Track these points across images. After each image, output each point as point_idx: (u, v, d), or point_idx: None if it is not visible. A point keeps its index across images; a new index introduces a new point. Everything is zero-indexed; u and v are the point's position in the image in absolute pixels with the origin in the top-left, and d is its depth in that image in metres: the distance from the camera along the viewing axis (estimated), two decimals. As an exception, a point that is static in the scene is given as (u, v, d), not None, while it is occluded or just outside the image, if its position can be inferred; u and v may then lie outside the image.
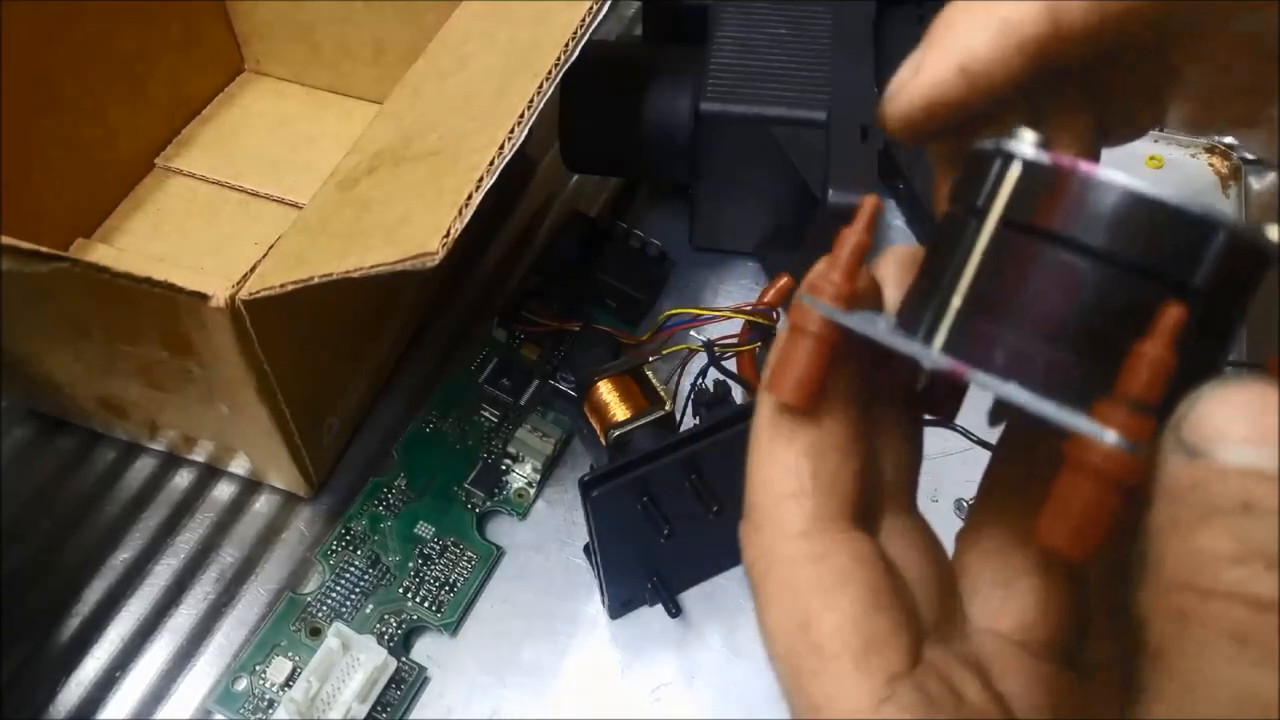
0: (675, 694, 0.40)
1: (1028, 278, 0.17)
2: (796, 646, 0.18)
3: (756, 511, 0.19)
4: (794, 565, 0.18)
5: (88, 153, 0.52)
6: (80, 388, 0.43)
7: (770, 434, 0.19)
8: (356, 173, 0.36)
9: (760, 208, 0.50)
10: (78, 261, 0.32)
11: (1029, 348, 0.16)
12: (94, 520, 0.44)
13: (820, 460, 0.19)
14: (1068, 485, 0.15)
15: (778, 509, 0.18)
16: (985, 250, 0.17)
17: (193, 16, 0.56)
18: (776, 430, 0.19)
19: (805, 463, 0.19)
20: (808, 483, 0.18)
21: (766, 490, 0.19)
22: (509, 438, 0.45)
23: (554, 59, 0.36)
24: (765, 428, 0.19)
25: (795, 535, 0.18)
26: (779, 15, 0.49)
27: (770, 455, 0.19)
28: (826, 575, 0.18)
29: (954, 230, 0.18)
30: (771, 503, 0.18)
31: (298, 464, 0.42)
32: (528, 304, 0.48)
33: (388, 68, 0.56)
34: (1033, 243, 0.17)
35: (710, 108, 0.46)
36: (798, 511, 0.18)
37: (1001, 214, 0.17)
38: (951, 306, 0.17)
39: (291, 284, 0.31)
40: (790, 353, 0.18)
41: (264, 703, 0.38)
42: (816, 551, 0.18)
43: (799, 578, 0.18)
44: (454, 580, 0.42)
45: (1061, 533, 0.15)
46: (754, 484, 0.19)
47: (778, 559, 0.18)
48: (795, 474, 0.18)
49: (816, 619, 0.17)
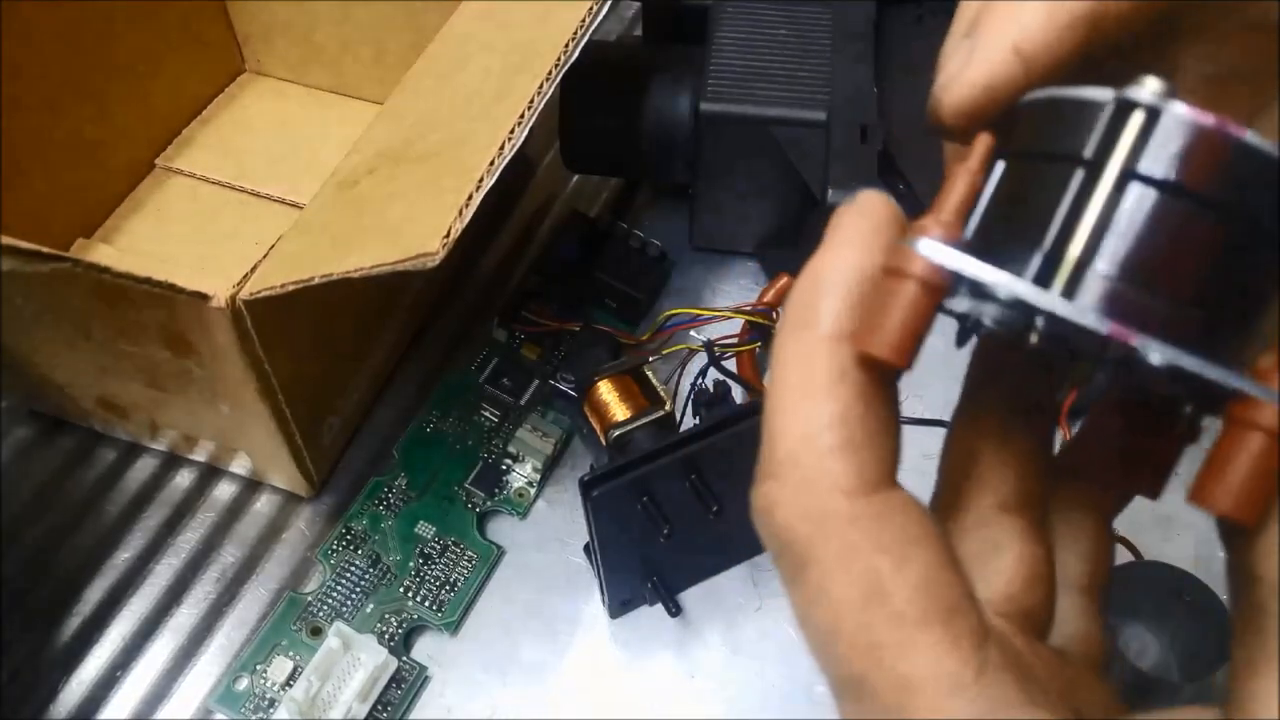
0: (675, 694, 0.40)
1: (1167, 236, 0.16)
2: (870, 619, 0.16)
3: (795, 468, 0.16)
4: (854, 526, 0.16)
5: (88, 153, 0.52)
6: (80, 388, 0.43)
7: (807, 379, 0.17)
8: (357, 173, 0.36)
9: (760, 208, 0.50)
10: (78, 261, 0.32)
11: (1176, 311, 0.15)
12: (94, 520, 0.44)
13: (868, 408, 0.17)
14: (1233, 448, 0.15)
15: (826, 463, 0.16)
16: (1106, 203, 0.16)
17: (193, 16, 0.56)
18: (816, 375, 0.17)
19: (855, 411, 0.16)
20: (858, 433, 0.16)
21: (809, 444, 0.16)
22: (509, 438, 0.45)
23: (554, 59, 0.36)
24: (802, 373, 0.17)
25: (851, 492, 0.16)
26: (779, 15, 0.49)
27: (811, 403, 0.17)
28: (891, 533, 0.16)
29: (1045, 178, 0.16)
30: (816, 457, 0.16)
31: (298, 464, 0.42)
32: (528, 304, 0.48)
33: (388, 68, 0.56)
34: (1170, 200, 0.16)
35: (710, 108, 0.46)
36: (851, 466, 0.16)
37: (1124, 166, 0.16)
38: (1068, 258, 0.16)
39: (292, 284, 0.31)
40: (887, 300, 0.16)
41: (265, 702, 0.38)
42: (877, 509, 0.16)
43: (861, 540, 0.16)
44: (454, 580, 0.42)
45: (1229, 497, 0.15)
46: (788, 437, 0.17)
47: (832, 521, 0.16)
48: (845, 423, 0.16)
49: (893, 584, 0.16)
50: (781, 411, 0.17)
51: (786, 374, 0.17)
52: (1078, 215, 0.16)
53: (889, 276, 0.17)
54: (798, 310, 0.17)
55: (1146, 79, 0.16)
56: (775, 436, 0.17)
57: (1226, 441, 0.15)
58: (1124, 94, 0.16)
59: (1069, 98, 0.17)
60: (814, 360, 0.17)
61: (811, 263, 0.18)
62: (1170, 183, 0.16)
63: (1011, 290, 0.16)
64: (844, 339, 0.17)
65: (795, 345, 0.17)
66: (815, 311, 0.17)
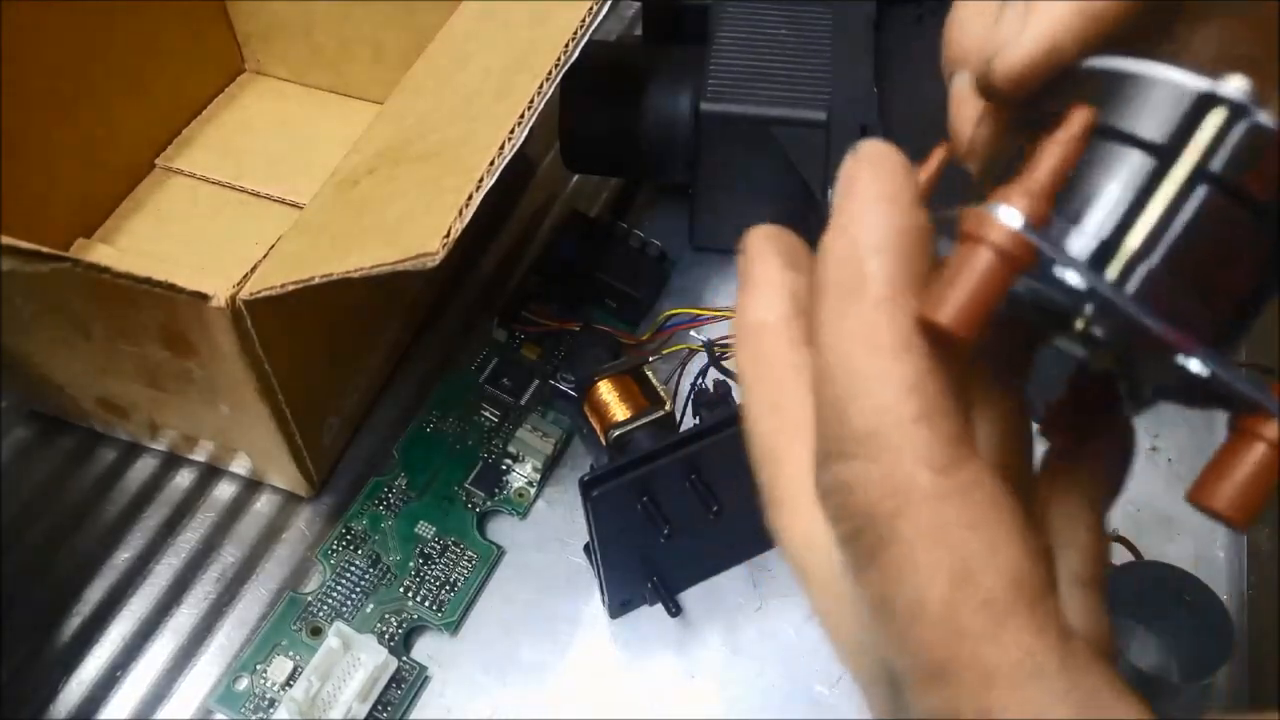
0: (675, 694, 0.40)
1: (1226, 243, 0.15)
2: (958, 602, 0.15)
3: (875, 441, 0.15)
4: (942, 501, 0.15)
5: (88, 153, 0.52)
6: (80, 388, 0.43)
7: (872, 347, 0.16)
8: (357, 173, 0.36)
9: (760, 208, 0.49)
10: (78, 261, 0.32)
11: (1215, 317, 0.16)
12: (94, 520, 0.44)
13: (942, 374, 0.16)
14: (1237, 455, 0.15)
15: (909, 435, 0.15)
16: (1174, 198, 0.15)
17: (193, 16, 0.56)
18: (881, 342, 0.16)
19: (931, 378, 0.15)
20: (939, 401, 0.15)
21: (887, 415, 0.15)
22: (509, 438, 0.45)
23: (554, 59, 0.36)
24: (864, 341, 0.16)
25: (938, 465, 0.15)
26: (779, 15, 0.49)
27: (882, 373, 0.15)
28: (981, 512, 0.15)
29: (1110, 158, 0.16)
30: (898, 428, 0.15)
31: (298, 464, 0.42)
32: (528, 304, 0.48)
33: (388, 68, 0.56)
34: (1235, 207, 0.15)
35: (710, 108, 0.46)
36: (936, 437, 0.15)
37: (1198, 163, 0.15)
38: (1126, 248, 0.15)
39: (292, 284, 0.31)
40: (959, 266, 0.15)
41: (265, 702, 0.38)
42: (964, 484, 0.15)
43: (951, 517, 0.15)
44: (454, 580, 0.42)
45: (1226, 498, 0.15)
46: (864, 408, 0.15)
47: (920, 496, 0.15)
48: (922, 392, 0.15)
49: (984, 568, 0.15)
50: (848, 383, 0.16)
51: (846, 345, 0.16)
52: (1142, 205, 0.15)
53: (963, 242, 0.16)
54: (842, 276, 0.16)
55: (1232, 76, 0.15)
56: (846, 411, 0.16)
57: (1232, 448, 0.15)
58: (1214, 87, 0.15)
59: (1149, 76, 0.16)
60: (875, 326, 0.16)
61: (840, 223, 0.17)
62: (1239, 188, 0.15)
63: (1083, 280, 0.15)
64: (902, 302, 0.16)
65: (850, 312, 0.16)
66: (864, 275, 0.16)
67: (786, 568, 0.19)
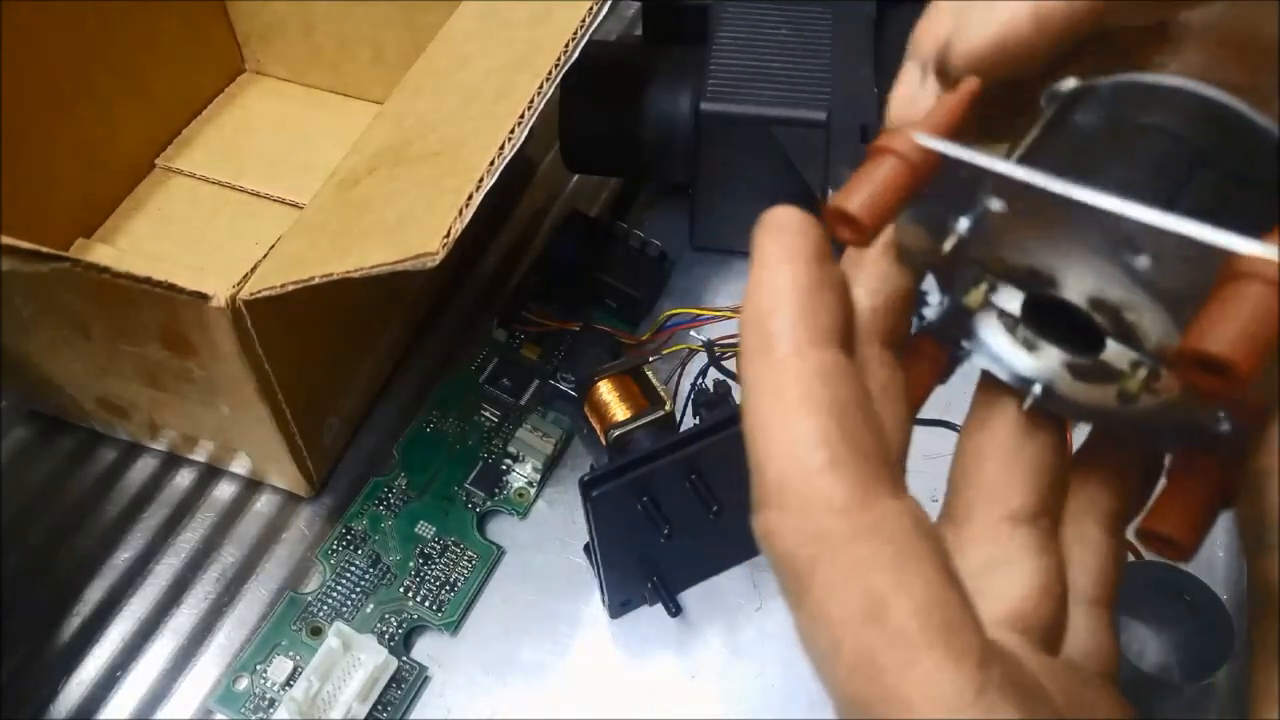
0: (675, 694, 0.40)
1: None
2: (872, 639, 0.15)
3: (786, 493, 0.16)
4: (851, 544, 0.16)
5: (88, 153, 0.52)
6: (80, 388, 0.43)
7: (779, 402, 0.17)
8: (357, 173, 0.36)
9: (760, 208, 0.49)
10: (78, 261, 0.32)
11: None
12: (94, 520, 0.44)
13: (846, 419, 0.16)
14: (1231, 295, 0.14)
15: (815, 483, 0.16)
16: None
17: (193, 16, 0.56)
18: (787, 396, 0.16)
19: (834, 425, 0.16)
20: (842, 448, 0.16)
21: (795, 466, 0.16)
22: (509, 438, 0.45)
23: (554, 59, 0.36)
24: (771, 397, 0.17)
25: (844, 509, 0.16)
26: (779, 15, 0.49)
27: (788, 426, 0.16)
28: (891, 550, 0.16)
29: None
30: (805, 478, 0.16)
31: (298, 464, 0.42)
32: (528, 304, 0.48)
33: (388, 68, 0.56)
34: None
35: (710, 108, 0.46)
36: (840, 482, 0.16)
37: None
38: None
39: (292, 284, 0.32)
40: (867, 171, 0.17)
41: (265, 702, 0.38)
42: (872, 523, 0.16)
43: (860, 558, 0.16)
44: (454, 580, 0.42)
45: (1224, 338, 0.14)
46: (774, 463, 0.16)
47: (830, 540, 0.16)
48: (826, 440, 0.16)
49: (894, 603, 0.15)
50: (762, 440, 0.17)
51: (757, 402, 0.17)
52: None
53: (871, 155, 0.17)
54: (750, 338, 0.17)
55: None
56: (761, 465, 0.17)
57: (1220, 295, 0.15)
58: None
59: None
60: (781, 381, 0.17)
61: (749, 292, 0.18)
62: None
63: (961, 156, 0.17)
64: (807, 353, 0.17)
65: (758, 372, 0.17)
66: (768, 333, 0.17)
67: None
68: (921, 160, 0.17)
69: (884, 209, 0.17)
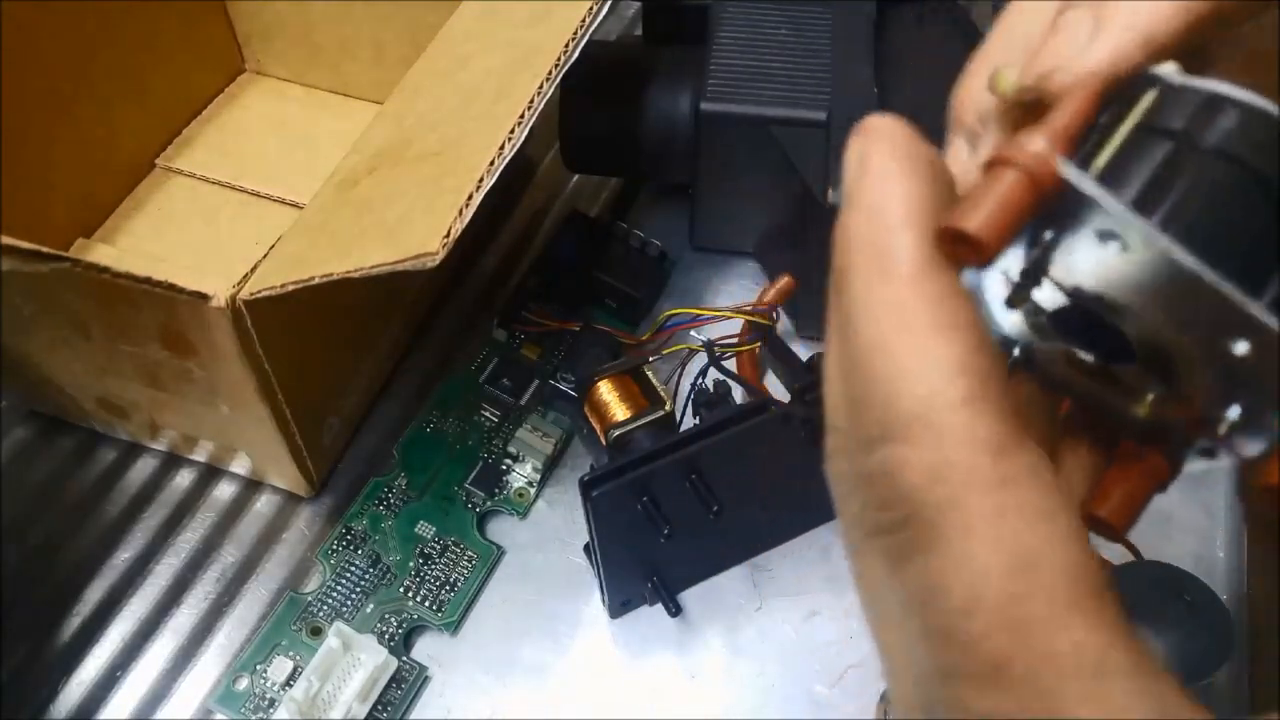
0: (675, 694, 0.40)
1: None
2: (1019, 591, 0.14)
3: (921, 426, 0.15)
4: (998, 488, 0.14)
5: (88, 153, 0.52)
6: (80, 388, 0.43)
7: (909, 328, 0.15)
8: (357, 173, 0.36)
9: (760, 208, 0.50)
10: (78, 261, 0.32)
11: None
12: (94, 520, 0.44)
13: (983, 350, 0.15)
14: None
15: (957, 417, 0.14)
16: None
17: (193, 16, 0.56)
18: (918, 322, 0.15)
19: (972, 355, 0.15)
20: (987, 382, 0.15)
21: (936, 398, 0.14)
22: (509, 438, 0.45)
23: (554, 59, 0.36)
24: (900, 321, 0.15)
25: (990, 448, 0.14)
26: (779, 15, 0.49)
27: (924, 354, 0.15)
28: (1038, 499, 0.14)
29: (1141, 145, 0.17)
30: (949, 412, 0.14)
31: (298, 464, 0.42)
32: (528, 304, 0.48)
33: (388, 68, 0.56)
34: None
35: (710, 108, 0.46)
36: (983, 418, 0.14)
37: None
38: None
39: (292, 284, 0.31)
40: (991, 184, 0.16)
41: (265, 702, 0.38)
42: (1020, 469, 0.14)
43: (1006, 504, 0.14)
44: (454, 580, 0.42)
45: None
46: (908, 393, 0.15)
47: (972, 482, 0.14)
48: (965, 370, 0.15)
49: (1044, 557, 0.14)
50: (886, 367, 0.15)
51: (877, 326, 0.15)
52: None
53: (990, 168, 0.16)
54: (868, 255, 0.16)
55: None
56: (887, 395, 0.15)
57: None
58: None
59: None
60: (909, 303, 0.15)
61: (860, 202, 0.16)
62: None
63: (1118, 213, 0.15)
64: (931, 275, 0.15)
65: (877, 293, 0.15)
66: (891, 252, 0.15)
67: (786, 567, 0.19)
68: (1050, 178, 0.16)
69: (1006, 229, 0.15)
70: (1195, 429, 0.17)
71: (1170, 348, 0.17)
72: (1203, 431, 0.17)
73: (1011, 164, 0.16)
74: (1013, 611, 0.14)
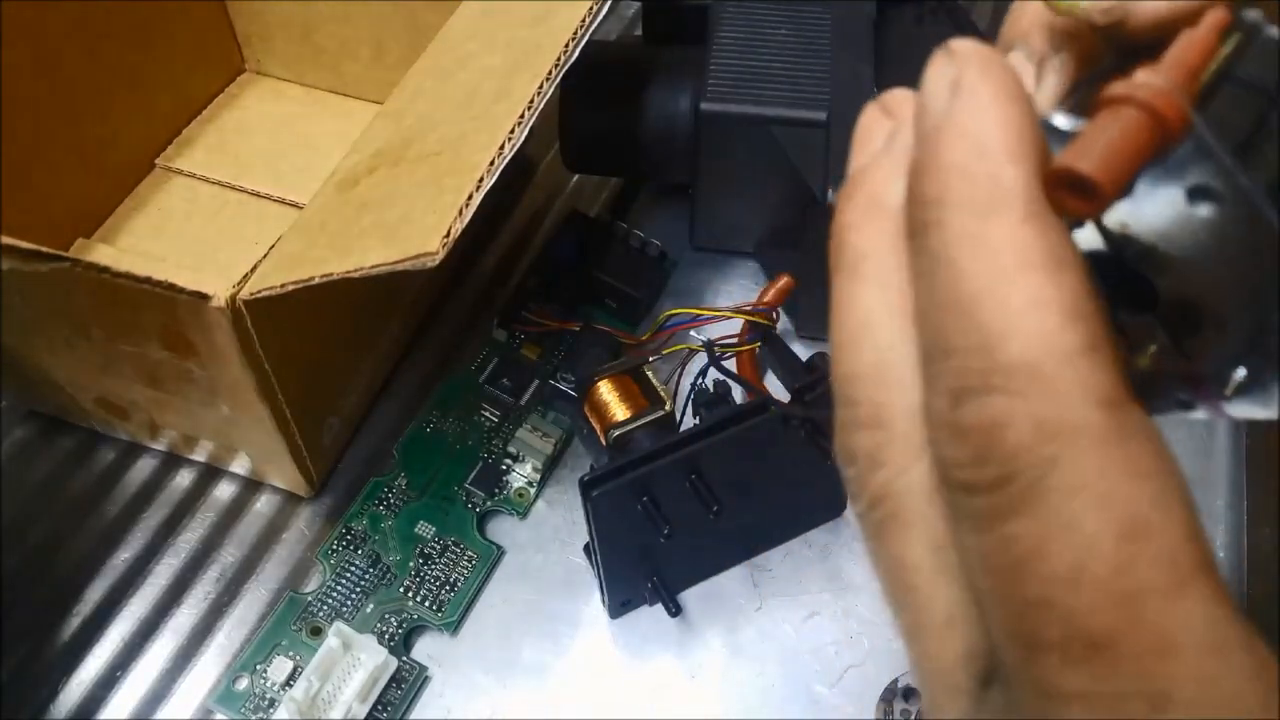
0: (675, 694, 0.40)
1: None
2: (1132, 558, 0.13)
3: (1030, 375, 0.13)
4: (1109, 445, 0.13)
5: (88, 153, 0.52)
6: (80, 388, 0.43)
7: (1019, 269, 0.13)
8: (356, 173, 0.36)
9: (760, 208, 0.50)
10: (78, 261, 0.32)
11: None
12: (94, 520, 0.44)
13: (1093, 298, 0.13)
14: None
15: (1074, 369, 0.13)
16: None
17: (193, 16, 0.56)
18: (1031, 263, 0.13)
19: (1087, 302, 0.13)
20: (1100, 331, 0.13)
21: (1044, 344, 0.13)
22: (509, 438, 0.45)
23: (554, 59, 0.36)
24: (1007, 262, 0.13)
25: (1107, 403, 0.13)
26: (779, 15, 0.49)
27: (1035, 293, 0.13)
28: (1150, 459, 0.13)
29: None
30: (1061, 362, 0.13)
31: (298, 464, 0.42)
32: (528, 304, 0.48)
33: (388, 68, 0.56)
34: None
35: (710, 108, 0.46)
36: (1102, 372, 0.13)
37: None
38: None
39: (292, 284, 0.31)
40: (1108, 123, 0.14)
41: (265, 702, 0.38)
42: (1132, 427, 0.13)
43: (1116, 463, 0.13)
44: (454, 580, 0.42)
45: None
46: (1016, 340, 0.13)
47: (1083, 438, 0.13)
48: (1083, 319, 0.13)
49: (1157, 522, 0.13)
50: (990, 308, 0.13)
51: (988, 266, 0.14)
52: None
53: (1108, 105, 0.14)
54: (970, 187, 0.14)
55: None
56: (996, 341, 0.13)
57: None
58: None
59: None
60: (1025, 244, 0.14)
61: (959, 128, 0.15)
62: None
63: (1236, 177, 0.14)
64: (1042, 213, 0.14)
65: (989, 230, 0.14)
66: (1000, 185, 0.14)
67: (786, 567, 0.19)
68: (1180, 123, 0.14)
69: (1124, 176, 0.14)
70: (1191, 384, 0.17)
71: (1206, 308, 0.16)
72: (1199, 388, 0.16)
73: (1134, 103, 0.14)
74: (1123, 583, 0.13)
